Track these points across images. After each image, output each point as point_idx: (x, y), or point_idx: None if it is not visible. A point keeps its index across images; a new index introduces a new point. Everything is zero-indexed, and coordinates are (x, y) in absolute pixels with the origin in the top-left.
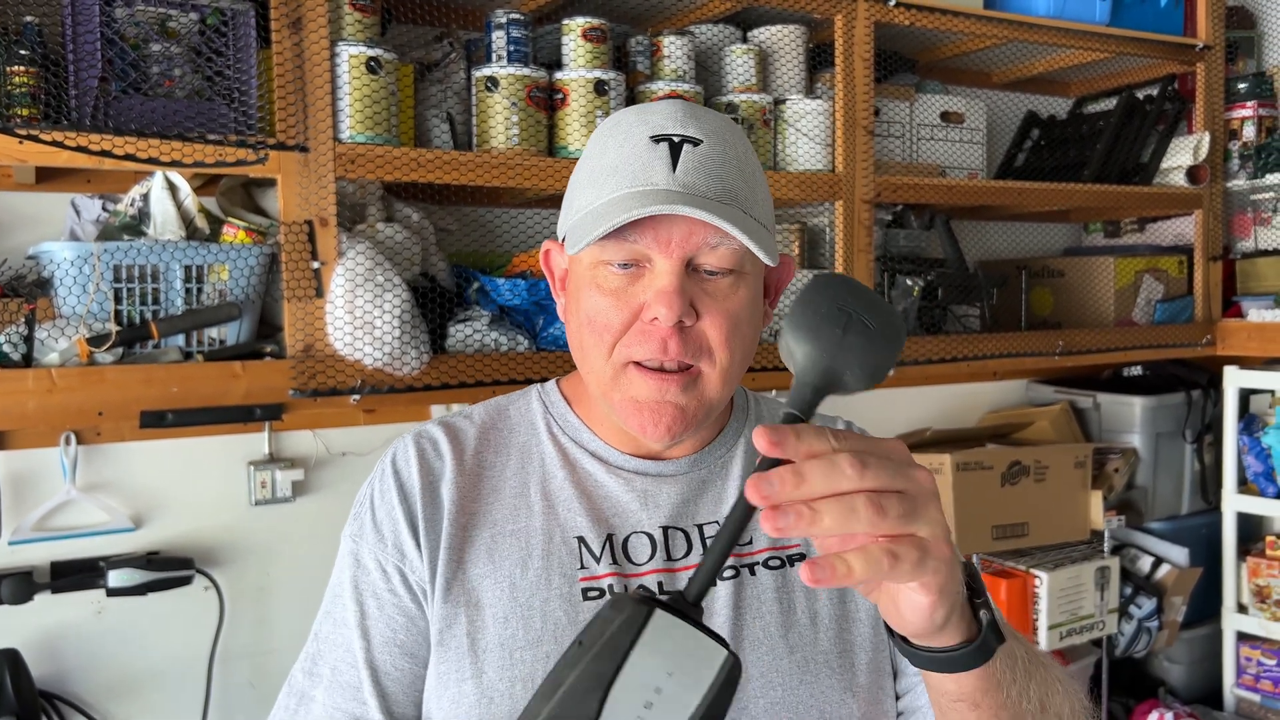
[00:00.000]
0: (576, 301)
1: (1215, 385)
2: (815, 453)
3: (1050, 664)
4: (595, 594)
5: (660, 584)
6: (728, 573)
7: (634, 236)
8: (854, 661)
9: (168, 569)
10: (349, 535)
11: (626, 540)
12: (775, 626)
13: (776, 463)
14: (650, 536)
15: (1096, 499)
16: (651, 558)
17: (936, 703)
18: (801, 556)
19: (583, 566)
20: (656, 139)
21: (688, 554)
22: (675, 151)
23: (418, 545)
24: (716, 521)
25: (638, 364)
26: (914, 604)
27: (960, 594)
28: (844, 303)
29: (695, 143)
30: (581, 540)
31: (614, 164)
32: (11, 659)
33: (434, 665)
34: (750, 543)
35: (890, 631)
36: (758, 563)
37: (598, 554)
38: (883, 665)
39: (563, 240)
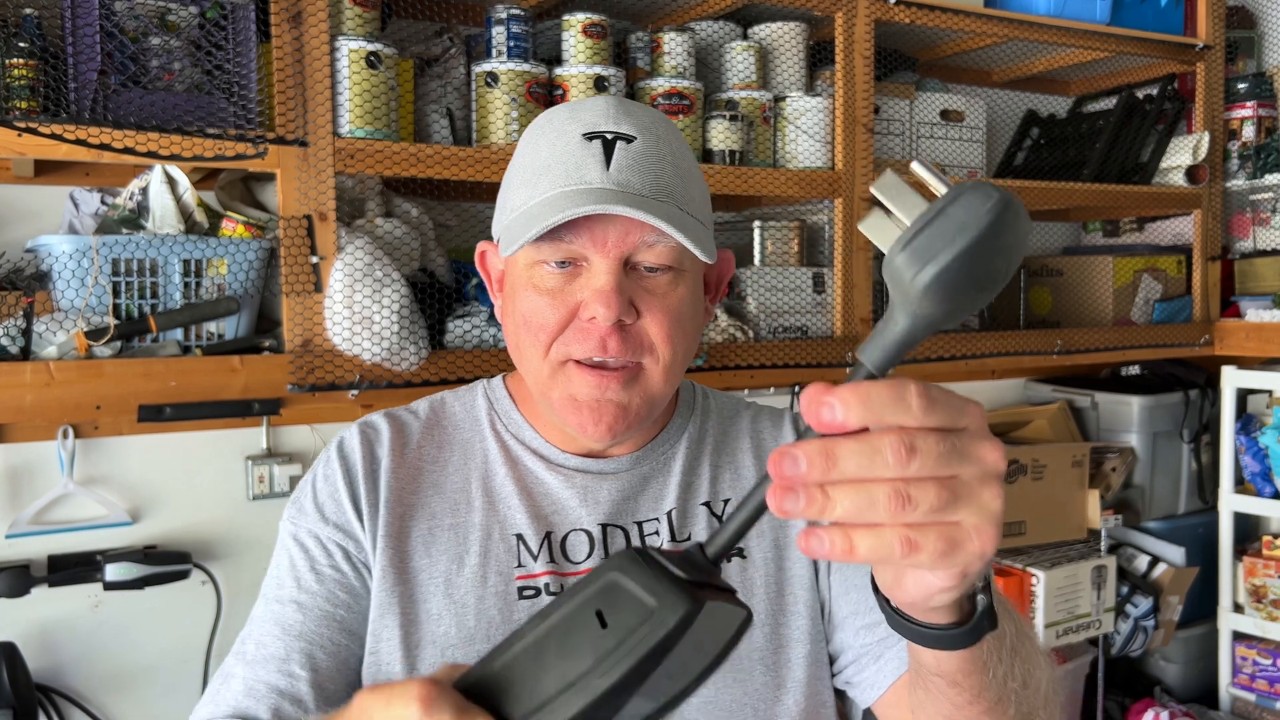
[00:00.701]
0: (513, 302)
1: (1213, 385)
2: (865, 421)
3: (1032, 635)
4: (531, 593)
5: None
6: None
7: (569, 237)
8: (789, 657)
9: (165, 563)
10: (287, 520)
11: (565, 538)
12: None
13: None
14: (589, 534)
15: (1094, 498)
16: (589, 555)
17: (914, 670)
18: (739, 551)
19: (520, 565)
20: (589, 136)
21: None
22: (609, 149)
23: (362, 524)
24: (656, 519)
25: (576, 361)
26: (921, 583)
27: (976, 584)
28: (1009, 250)
29: (629, 139)
30: (520, 538)
31: (547, 162)
32: (8, 652)
33: (367, 655)
34: (689, 538)
35: (875, 587)
36: None
37: (535, 552)
38: (821, 656)
39: (498, 241)
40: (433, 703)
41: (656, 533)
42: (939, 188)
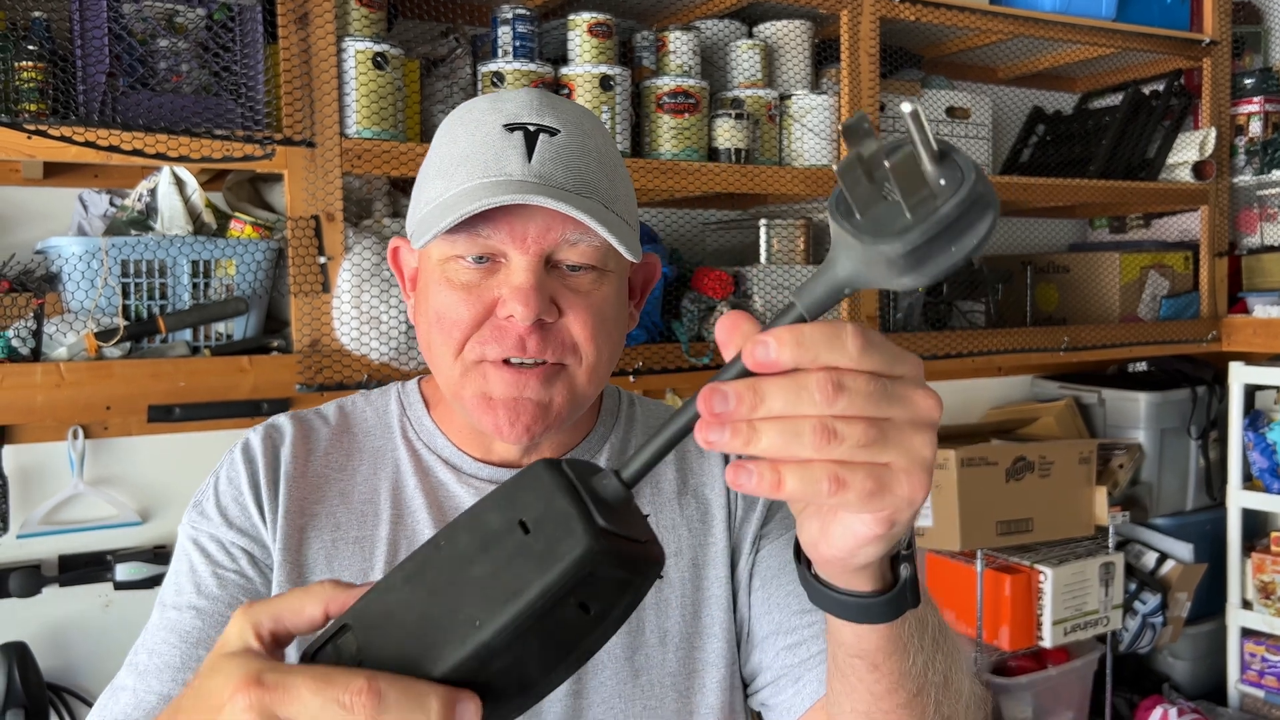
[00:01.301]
0: (425, 299)
1: (1220, 381)
2: (798, 361)
3: (957, 637)
4: None
5: None
6: None
7: (486, 231)
8: (703, 681)
9: None
10: (187, 524)
11: None
12: (620, 647)
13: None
14: None
15: (1101, 495)
16: None
17: (833, 655)
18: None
19: None
20: (510, 127)
21: None
22: (530, 141)
23: (266, 528)
24: None
25: (492, 361)
26: (848, 531)
27: (901, 544)
28: (983, 203)
29: (552, 132)
30: None
31: (465, 153)
32: (20, 652)
33: None
34: None
35: (797, 554)
36: None
37: None
38: (735, 680)
39: (410, 237)
40: (250, 683)
41: None
42: (928, 166)
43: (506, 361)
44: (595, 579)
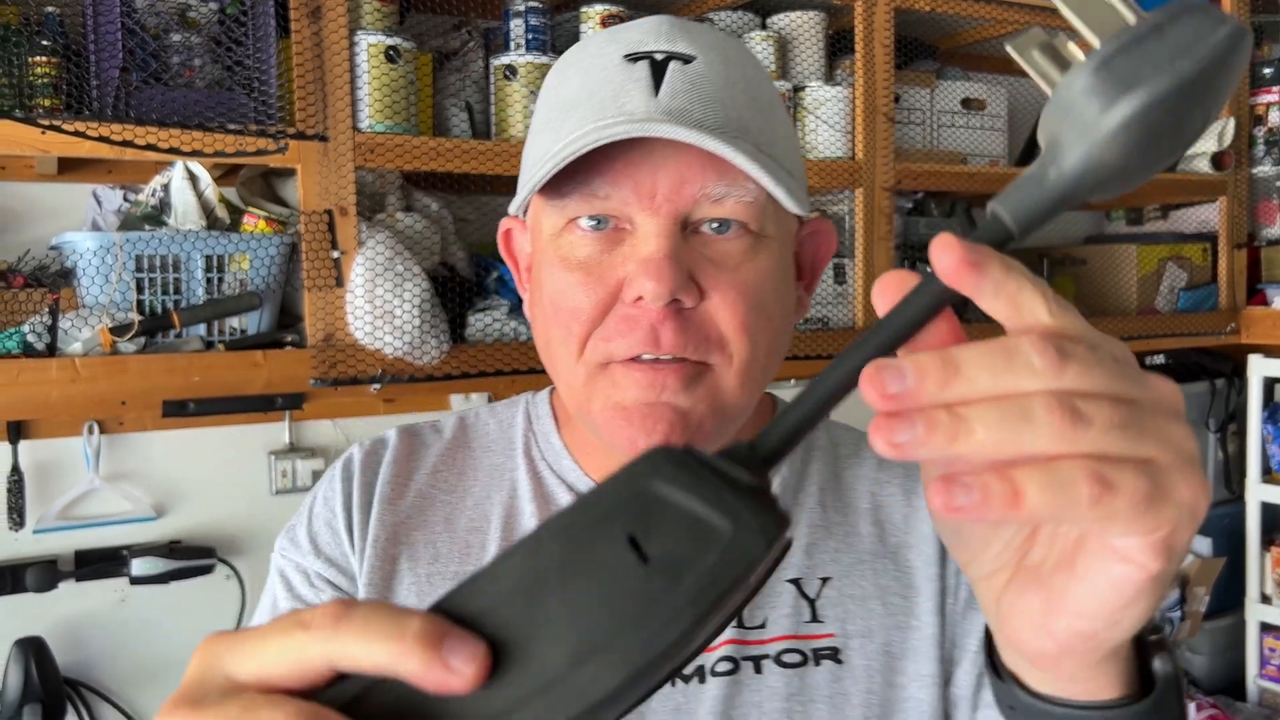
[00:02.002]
0: (539, 288)
1: (1239, 374)
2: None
3: None
4: None
5: None
6: (722, 665)
7: (604, 189)
8: None
9: (190, 558)
10: (277, 550)
11: None
12: None
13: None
14: None
15: None
16: None
17: None
18: (834, 653)
19: None
20: (633, 57)
21: None
22: (659, 72)
23: (354, 556)
24: None
25: (620, 362)
26: (1104, 580)
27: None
28: (1222, 94)
29: (686, 59)
30: None
31: (575, 96)
32: (36, 647)
33: None
34: (762, 626)
35: (991, 662)
36: (767, 655)
37: None
38: None
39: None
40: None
41: None
42: (1128, 15)
43: (637, 359)
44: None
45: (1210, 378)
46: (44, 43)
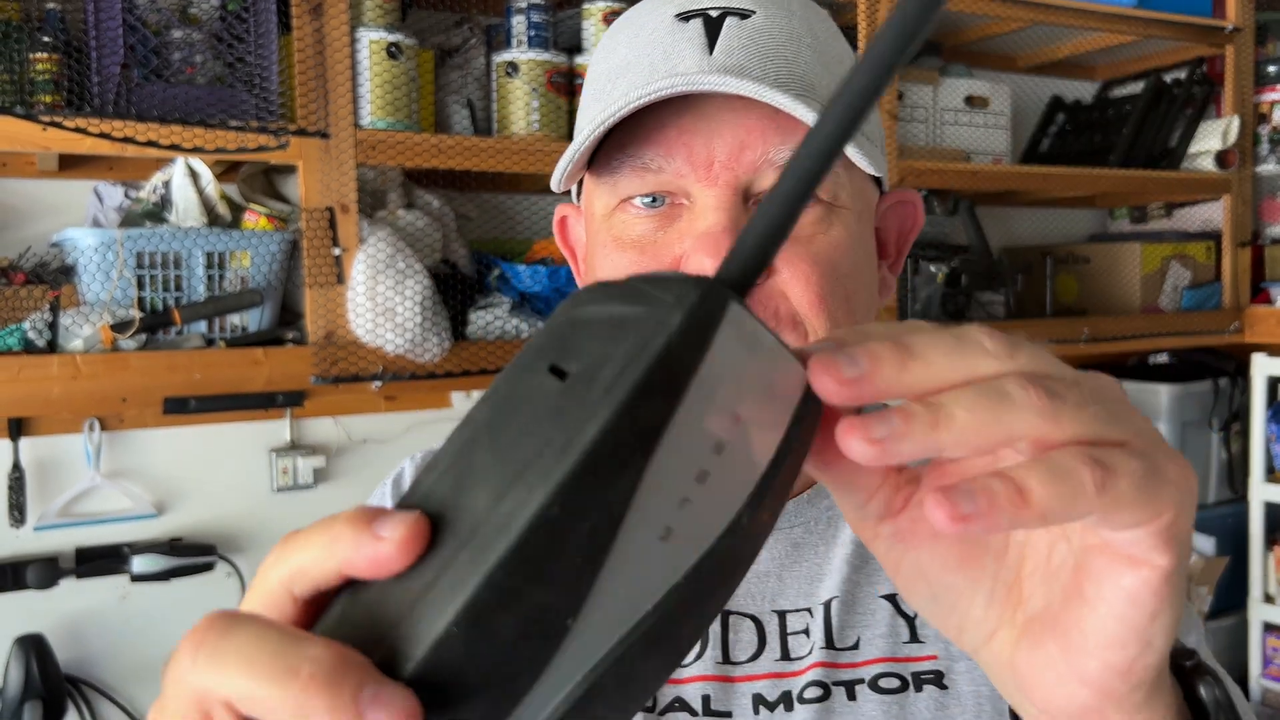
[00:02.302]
0: (592, 273)
1: (1243, 373)
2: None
3: None
4: None
5: (707, 699)
6: (811, 691)
7: (657, 161)
8: None
9: (190, 555)
10: None
11: None
12: None
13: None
14: None
15: None
16: (699, 657)
17: None
18: (937, 676)
19: None
20: (685, 16)
21: (756, 656)
22: (714, 29)
23: None
24: (808, 609)
25: None
26: (1125, 594)
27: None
28: None
29: (744, 15)
30: None
31: (625, 61)
32: (37, 644)
33: None
34: (855, 647)
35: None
36: (861, 680)
37: None
38: None
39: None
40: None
41: (806, 630)
42: None
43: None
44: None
45: (1214, 377)
46: (45, 39)
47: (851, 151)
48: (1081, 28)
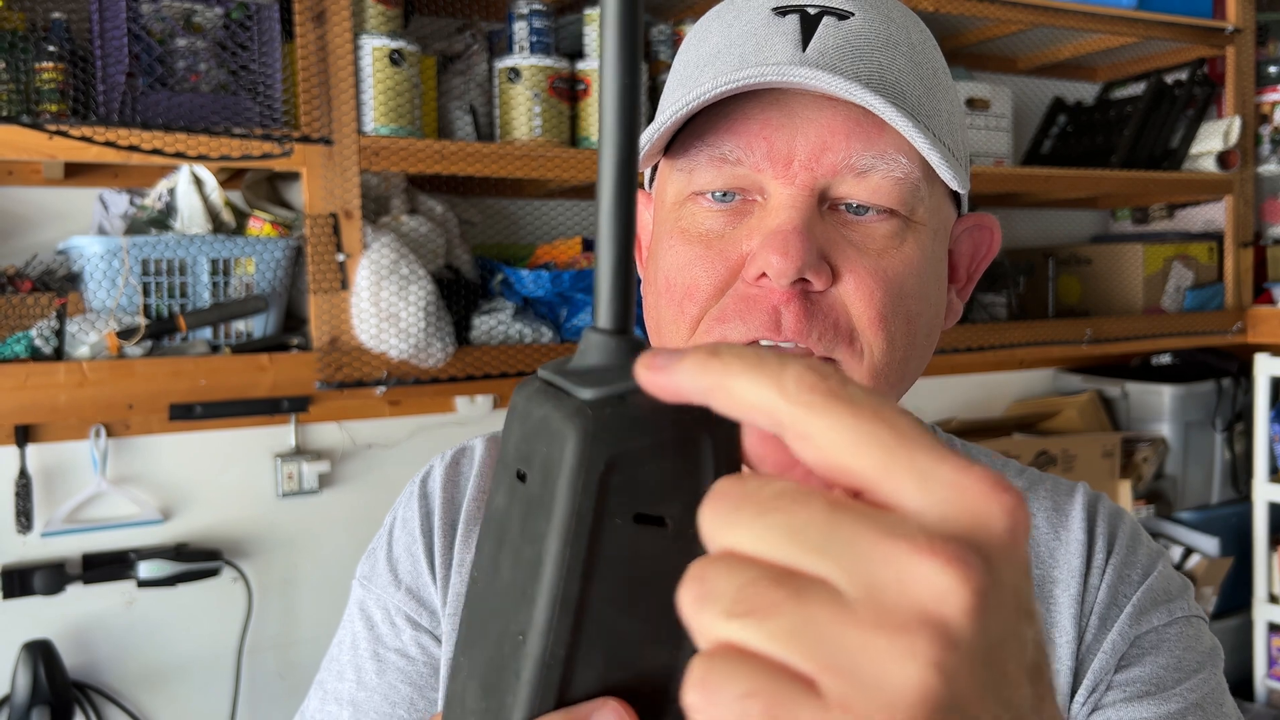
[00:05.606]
0: (654, 263)
1: (1246, 373)
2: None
3: None
4: None
5: None
6: None
7: (736, 152)
8: None
9: (196, 560)
10: (359, 578)
11: None
12: None
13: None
14: None
15: (1125, 489)
16: None
17: None
18: None
19: None
20: (782, 11)
21: None
22: (810, 26)
23: (435, 588)
24: None
25: None
26: None
27: None
28: None
29: (842, 16)
30: None
31: (716, 49)
32: (44, 649)
33: None
34: None
35: None
36: None
37: None
38: None
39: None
40: None
41: None
42: None
43: (755, 345)
44: (625, 470)
45: (1217, 377)
46: (50, 48)
47: (939, 165)
48: (1082, 29)
